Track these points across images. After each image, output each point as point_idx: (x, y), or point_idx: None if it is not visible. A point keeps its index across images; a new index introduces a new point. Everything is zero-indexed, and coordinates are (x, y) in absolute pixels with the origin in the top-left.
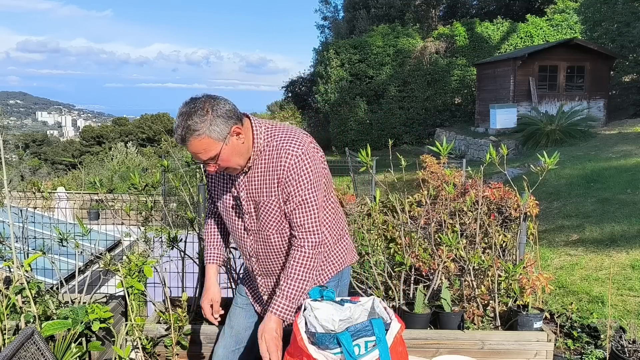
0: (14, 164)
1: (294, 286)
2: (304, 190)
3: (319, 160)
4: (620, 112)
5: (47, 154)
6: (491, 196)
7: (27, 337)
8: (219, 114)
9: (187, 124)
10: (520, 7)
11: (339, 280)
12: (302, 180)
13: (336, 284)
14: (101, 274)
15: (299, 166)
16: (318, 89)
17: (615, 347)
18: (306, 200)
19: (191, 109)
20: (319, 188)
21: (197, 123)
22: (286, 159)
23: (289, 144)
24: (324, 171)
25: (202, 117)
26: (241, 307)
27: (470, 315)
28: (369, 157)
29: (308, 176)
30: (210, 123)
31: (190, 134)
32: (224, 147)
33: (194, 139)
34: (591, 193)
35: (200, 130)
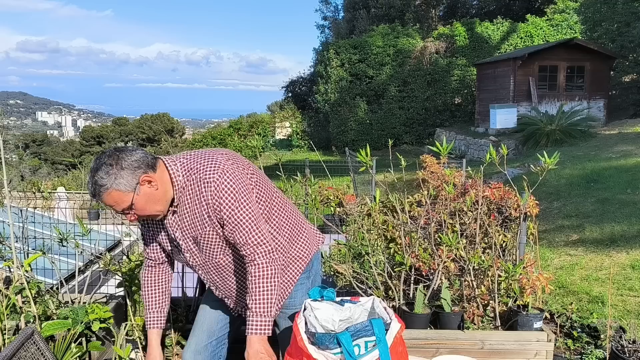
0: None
1: (261, 300)
2: (235, 210)
3: (241, 174)
4: (620, 112)
5: (47, 154)
6: (491, 196)
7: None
8: (124, 166)
9: (94, 180)
10: (520, 7)
11: (310, 271)
12: (229, 202)
13: (307, 275)
14: (101, 274)
15: (220, 190)
16: (318, 89)
17: (615, 347)
18: (241, 219)
19: (97, 165)
20: (250, 201)
21: (103, 178)
22: (207, 188)
23: (205, 173)
24: (252, 179)
25: (107, 171)
26: (213, 301)
27: (470, 315)
28: (369, 157)
29: (233, 196)
30: (115, 177)
31: (99, 189)
32: (135, 197)
33: (103, 194)
34: (591, 193)
35: (107, 185)
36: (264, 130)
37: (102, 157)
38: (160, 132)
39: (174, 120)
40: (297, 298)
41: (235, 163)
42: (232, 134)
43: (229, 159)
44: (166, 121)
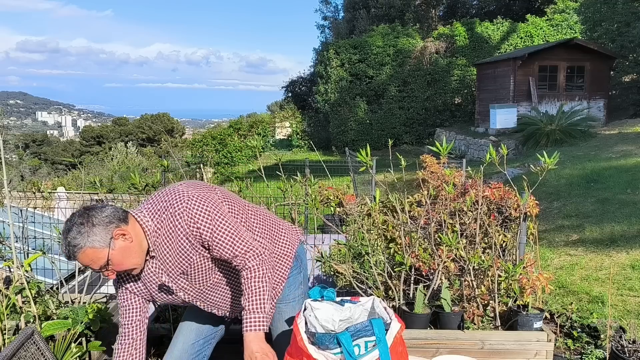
0: (14, 164)
1: (255, 299)
2: (214, 228)
3: (205, 194)
4: (620, 112)
5: (47, 154)
6: (491, 196)
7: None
8: (95, 223)
9: (68, 241)
10: (520, 7)
11: (300, 266)
12: (205, 223)
13: (299, 270)
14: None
15: (193, 215)
16: (318, 89)
17: (615, 347)
18: (222, 235)
19: (68, 227)
20: (224, 215)
21: (76, 238)
22: (181, 218)
23: (174, 207)
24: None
25: (79, 230)
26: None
27: (470, 315)
28: (369, 157)
29: (207, 216)
30: (88, 234)
31: (73, 249)
32: (111, 253)
33: (78, 253)
34: (591, 193)
35: (80, 244)
36: (264, 130)
37: (73, 218)
38: (160, 132)
39: (174, 120)
40: (292, 291)
41: (197, 188)
42: (232, 134)
43: (189, 187)
44: (166, 121)
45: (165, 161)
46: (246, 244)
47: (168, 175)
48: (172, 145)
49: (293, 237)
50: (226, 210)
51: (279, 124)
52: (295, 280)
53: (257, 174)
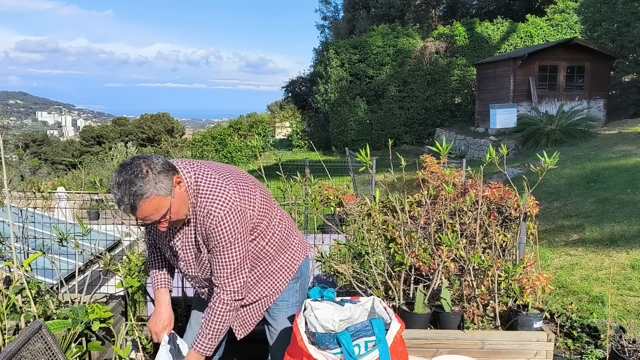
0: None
1: (213, 327)
2: (225, 249)
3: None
4: (620, 112)
5: (47, 154)
6: (491, 196)
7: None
8: (159, 170)
9: (133, 191)
10: (520, 7)
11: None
12: (224, 240)
13: (296, 280)
14: (101, 274)
15: (221, 226)
16: (318, 88)
17: (615, 347)
18: (225, 257)
19: (130, 176)
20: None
21: (143, 186)
22: (210, 218)
23: (213, 204)
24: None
25: (144, 178)
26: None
27: (470, 315)
28: (369, 157)
29: (230, 237)
30: (155, 182)
31: (139, 199)
32: (172, 201)
33: (143, 203)
34: (591, 193)
35: (148, 192)
36: (264, 130)
37: (132, 167)
38: (160, 132)
39: (174, 120)
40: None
41: (244, 198)
42: (232, 134)
43: (237, 189)
44: (166, 121)
45: None
46: (237, 280)
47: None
48: (172, 145)
49: (301, 251)
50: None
51: (279, 124)
52: (290, 288)
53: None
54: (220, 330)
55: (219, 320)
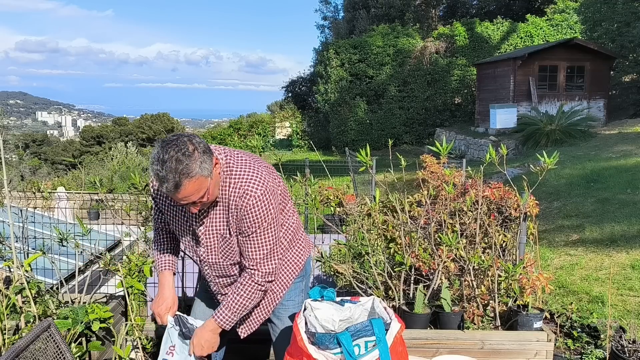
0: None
1: (239, 302)
2: (260, 229)
3: (276, 194)
4: (620, 112)
5: (47, 154)
6: (491, 196)
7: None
8: (203, 150)
9: (179, 169)
10: (520, 7)
11: (304, 276)
12: (259, 220)
13: (301, 278)
14: (101, 274)
15: (258, 207)
16: (318, 88)
17: (615, 347)
18: (260, 238)
19: (177, 153)
20: (275, 224)
21: (189, 165)
22: (246, 199)
23: (248, 183)
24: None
25: (191, 157)
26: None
27: (470, 315)
28: (369, 157)
29: (266, 216)
30: (200, 161)
31: (185, 177)
32: (210, 182)
33: (188, 182)
34: (591, 193)
35: (193, 172)
36: (264, 130)
37: (178, 145)
38: (160, 132)
39: (174, 120)
40: (292, 298)
41: (272, 175)
42: (232, 134)
43: (268, 172)
44: (166, 121)
45: None
46: (269, 258)
47: None
48: None
49: (307, 248)
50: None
51: (279, 124)
52: (296, 287)
53: None
54: (245, 307)
55: (248, 297)
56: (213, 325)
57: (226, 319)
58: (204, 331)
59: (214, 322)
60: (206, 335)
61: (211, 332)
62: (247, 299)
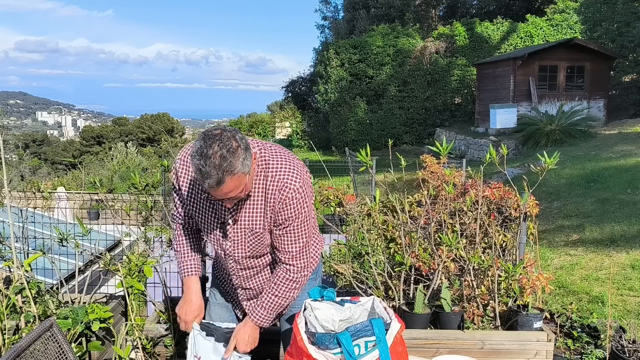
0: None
1: (275, 302)
2: (297, 222)
3: (310, 184)
4: (620, 112)
5: (47, 154)
6: (491, 196)
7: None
8: (245, 147)
9: (223, 166)
10: (520, 7)
11: (316, 273)
12: (297, 213)
13: (315, 276)
14: (101, 274)
15: (296, 199)
16: (318, 88)
17: (615, 347)
18: (297, 231)
19: (222, 150)
20: (310, 216)
21: (233, 162)
22: (286, 191)
23: (287, 176)
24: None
25: (235, 154)
26: (220, 305)
27: (470, 315)
28: (369, 157)
29: (303, 208)
30: (243, 158)
31: (228, 174)
32: (248, 178)
33: (230, 179)
34: (591, 193)
35: (236, 169)
36: (264, 130)
37: (222, 141)
38: (160, 132)
39: (174, 120)
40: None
41: (307, 173)
42: None
43: (303, 166)
44: (166, 121)
45: (165, 161)
46: (305, 252)
47: (168, 175)
48: (172, 145)
49: (321, 243)
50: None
51: (279, 124)
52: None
53: None
54: (281, 306)
55: (284, 295)
56: (251, 325)
57: (263, 318)
58: (245, 328)
59: (250, 322)
60: (249, 331)
61: (252, 329)
62: (283, 298)
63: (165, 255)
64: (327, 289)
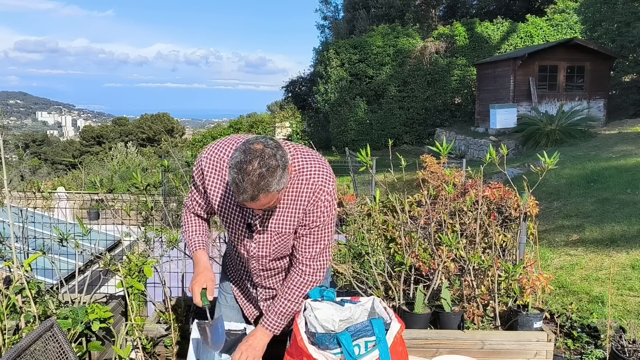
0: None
1: (289, 307)
2: (324, 225)
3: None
4: (620, 112)
5: (47, 154)
6: (491, 196)
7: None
8: (284, 166)
9: (260, 185)
10: (520, 7)
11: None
12: (326, 216)
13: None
14: (101, 274)
15: (328, 201)
16: (318, 88)
17: (615, 347)
18: (322, 233)
19: (262, 169)
20: (335, 219)
21: (271, 182)
22: (320, 194)
23: (321, 180)
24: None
25: (274, 174)
26: (230, 307)
27: (470, 315)
28: (369, 157)
29: (331, 211)
30: (280, 177)
31: (264, 193)
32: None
33: (264, 197)
34: (591, 193)
35: (272, 188)
36: (264, 130)
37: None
38: (160, 132)
39: (174, 120)
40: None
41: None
42: (232, 134)
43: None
44: (166, 121)
45: (165, 161)
46: (323, 254)
47: (168, 175)
48: (172, 145)
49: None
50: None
51: (279, 124)
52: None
53: None
54: (294, 311)
55: (297, 300)
56: (264, 332)
57: (275, 324)
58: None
59: (263, 329)
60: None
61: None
62: (295, 304)
63: (165, 255)
64: (327, 289)
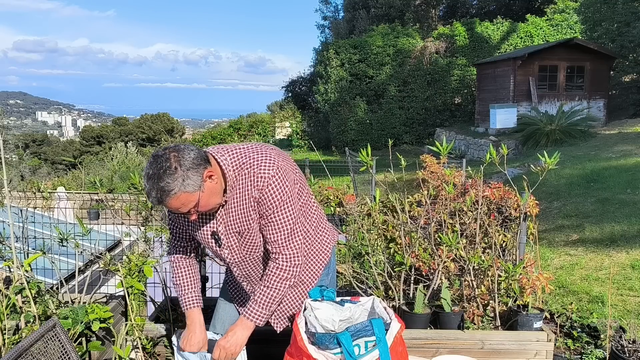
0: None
1: (267, 293)
2: (278, 209)
3: (290, 173)
4: (620, 112)
5: (47, 154)
6: (491, 196)
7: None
8: (188, 167)
9: (160, 187)
10: (520, 7)
11: (328, 268)
12: (277, 200)
13: (327, 271)
14: (101, 274)
15: (272, 187)
16: (318, 88)
17: (615, 347)
18: (280, 218)
19: (159, 170)
20: (294, 205)
21: (170, 183)
22: (260, 181)
23: (259, 168)
24: (297, 176)
25: (172, 175)
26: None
27: (470, 315)
28: (369, 157)
29: (282, 195)
30: (182, 179)
31: (166, 195)
32: (201, 195)
33: (169, 199)
34: (591, 193)
35: (175, 189)
36: (264, 130)
37: (160, 162)
38: (160, 132)
39: (174, 120)
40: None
41: (284, 158)
42: (232, 134)
43: (279, 155)
44: (166, 121)
45: None
46: (292, 240)
47: None
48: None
49: (332, 235)
50: (296, 196)
51: (279, 124)
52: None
53: None
54: (274, 299)
55: (275, 287)
56: (245, 323)
57: (257, 314)
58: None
59: (244, 319)
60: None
61: (242, 330)
62: (275, 290)
63: (165, 255)
64: (327, 289)
